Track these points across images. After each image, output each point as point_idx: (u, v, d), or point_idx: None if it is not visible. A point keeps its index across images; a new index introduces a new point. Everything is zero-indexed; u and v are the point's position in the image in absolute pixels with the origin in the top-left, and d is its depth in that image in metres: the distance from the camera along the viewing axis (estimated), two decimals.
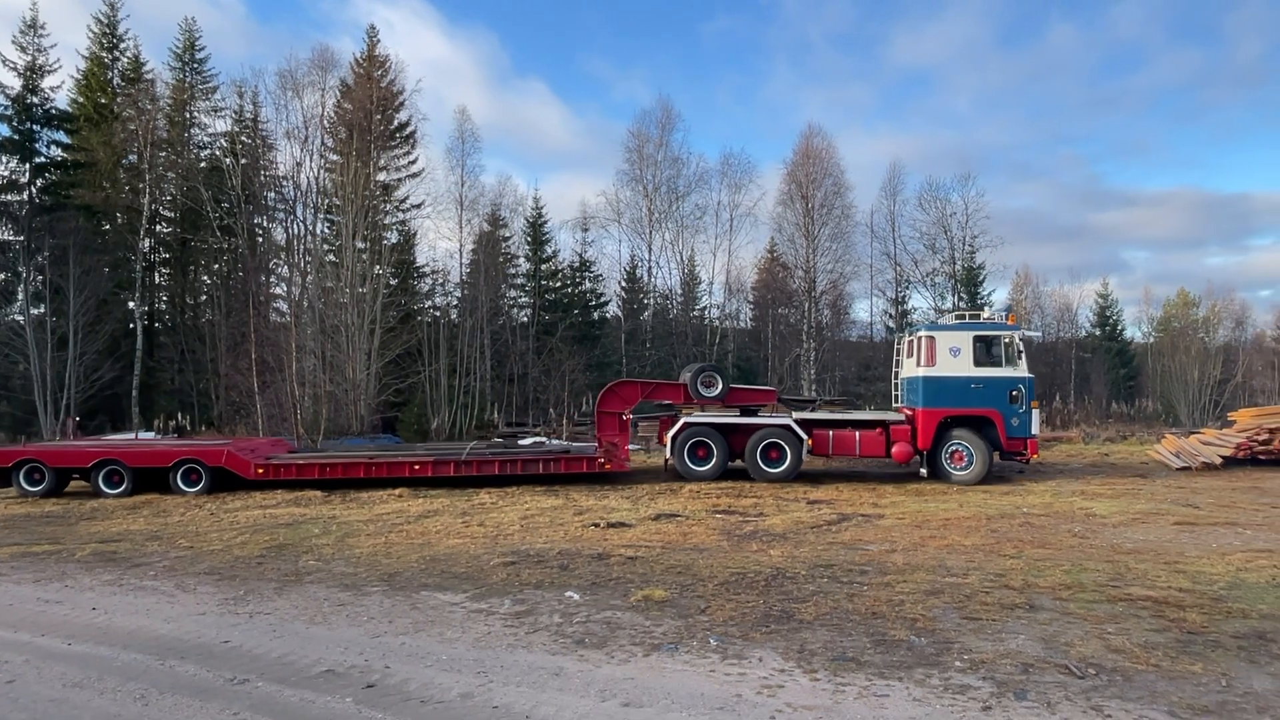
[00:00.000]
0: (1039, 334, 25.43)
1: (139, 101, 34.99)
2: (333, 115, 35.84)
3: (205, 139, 38.23)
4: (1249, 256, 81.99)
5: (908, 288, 43.26)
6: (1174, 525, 10.26)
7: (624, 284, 44.00)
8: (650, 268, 42.71)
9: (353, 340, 26.57)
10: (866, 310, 47.36)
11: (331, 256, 31.80)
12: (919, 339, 15.56)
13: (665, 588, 7.18)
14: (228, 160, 34.04)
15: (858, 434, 15.48)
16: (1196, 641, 5.49)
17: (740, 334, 45.91)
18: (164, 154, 35.52)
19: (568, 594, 7.08)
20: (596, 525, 10.69)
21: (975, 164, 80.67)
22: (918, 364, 15.45)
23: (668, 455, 15.87)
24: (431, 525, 11.02)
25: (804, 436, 15.25)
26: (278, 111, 35.55)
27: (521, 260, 41.77)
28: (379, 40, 37.21)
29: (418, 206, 36.79)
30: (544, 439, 25.77)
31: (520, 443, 21.70)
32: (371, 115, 34.75)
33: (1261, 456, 17.12)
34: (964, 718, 4.30)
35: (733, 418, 16.02)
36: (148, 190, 33.15)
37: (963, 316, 16.36)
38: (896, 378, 16.89)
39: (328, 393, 26.26)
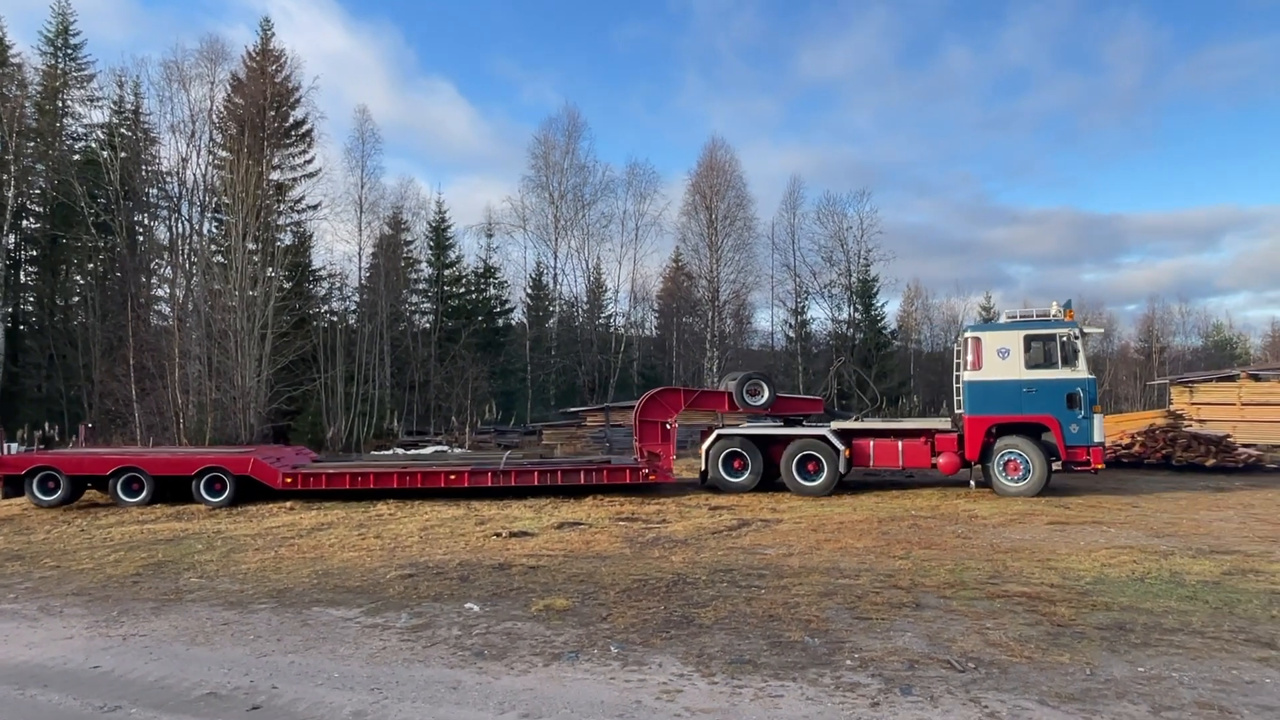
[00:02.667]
0: (1101, 330, 23.34)
1: (3, 87, 32.50)
2: (223, 110, 34.30)
3: (80, 130, 35.97)
4: (1118, 273, 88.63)
5: (807, 298, 44.65)
6: (1047, 525, 10.93)
7: (529, 291, 43.77)
8: (556, 275, 42.69)
9: (242, 346, 25.39)
10: (768, 320, 48.56)
11: (220, 258, 30.30)
12: (965, 340, 14.57)
13: (567, 596, 7.16)
14: (105, 153, 32.00)
15: (900, 444, 14.56)
16: (1065, 634, 5.87)
17: (645, 342, 46.35)
18: (32, 144, 33.11)
19: (467, 606, 6.96)
20: (498, 535, 10.56)
21: (875, 179, 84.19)
22: (964, 367, 14.42)
23: (703, 467, 15.33)
24: (325, 538, 10.64)
25: (840, 448, 14.45)
26: (162, 104, 33.69)
27: (424, 265, 40.96)
28: (274, 34, 35.83)
29: (314, 207, 35.60)
30: (445, 448, 25.31)
31: (422, 452, 21.25)
32: (265, 111, 33.41)
33: (1125, 459, 18.52)
34: (853, 714, 4.46)
35: (766, 428, 15.53)
36: (13, 183, 30.85)
37: (1015, 315, 14.95)
38: (957, 382, 15.17)
39: (214, 400, 25.01)
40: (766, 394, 15.52)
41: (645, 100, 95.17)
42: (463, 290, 41.53)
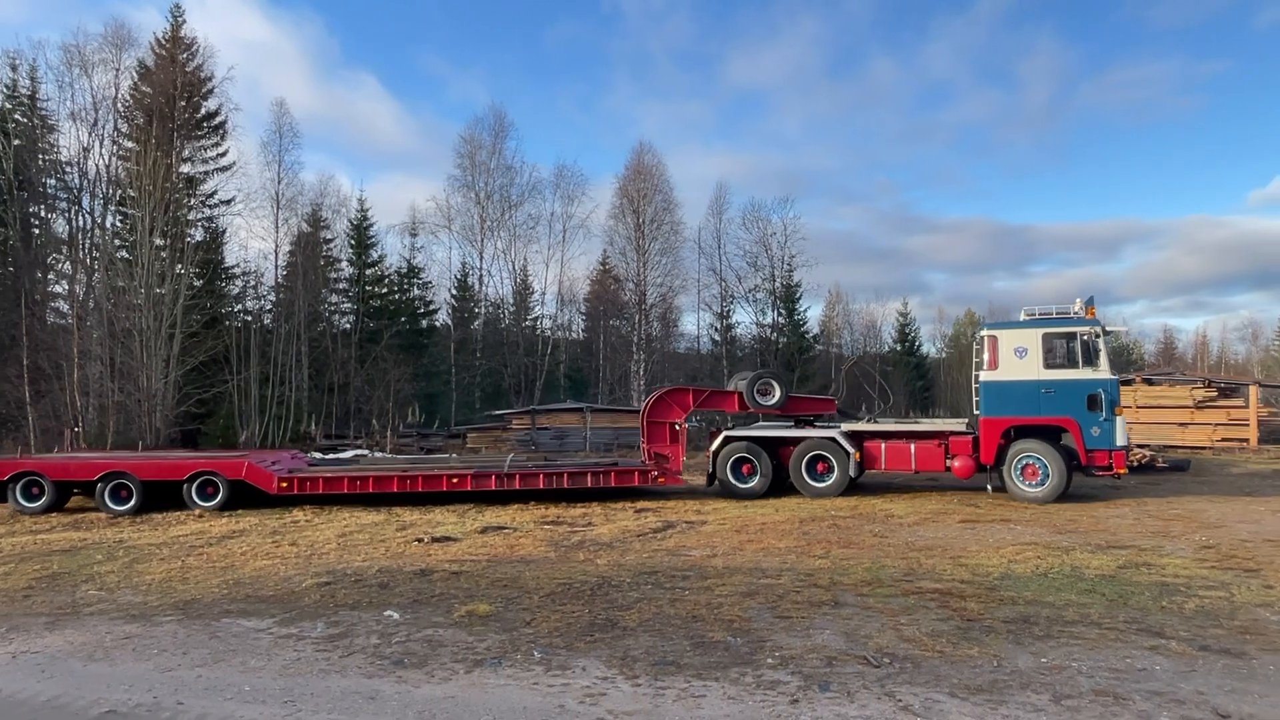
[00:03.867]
0: (1125, 328, 22.37)
1: None
2: (129, 98, 32.59)
3: None
4: (1028, 281, 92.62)
5: (732, 302, 45.24)
6: (959, 523, 11.35)
7: (454, 292, 43.15)
8: (482, 276, 42.18)
9: (148, 346, 24.21)
10: (694, 323, 49.04)
11: (124, 253, 28.81)
12: (981, 338, 14.04)
13: (490, 602, 7.07)
14: None
15: (913, 446, 14.17)
16: (974, 628, 6.10)
17: (572, 345, 46.20)
18: None
19: (387, 613, 6.81)
20: (420, 541, 10.36)
21: (802, 186, 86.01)
22: (981, 367, 13.88)
23: (710, 469, 15.04)
24: (236, 546, 10.24)
25: (850, 450, 14.10)
26: (61, 90, 31.74)
27: (344, 264, 39.86)
28: (185, 20, 34.28)
29: (227, 202, 34.19)
30: (366, 451, 24.68)
31: (340, 456, 20.65)
32: (175, 101, 31.93)
33: None
34: (773, 712, 4.54)
35: (774, 429, 15.21)
36: None
37: (1034, 313, 14.15)
38: (976, 383, 14.46)
39: (116, 403, 23.77)
40: (778, 394, 15.17)
41: (576, 101, 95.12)
42: (385, 290, 40.58)
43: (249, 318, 34.42)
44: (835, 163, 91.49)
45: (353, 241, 39.71)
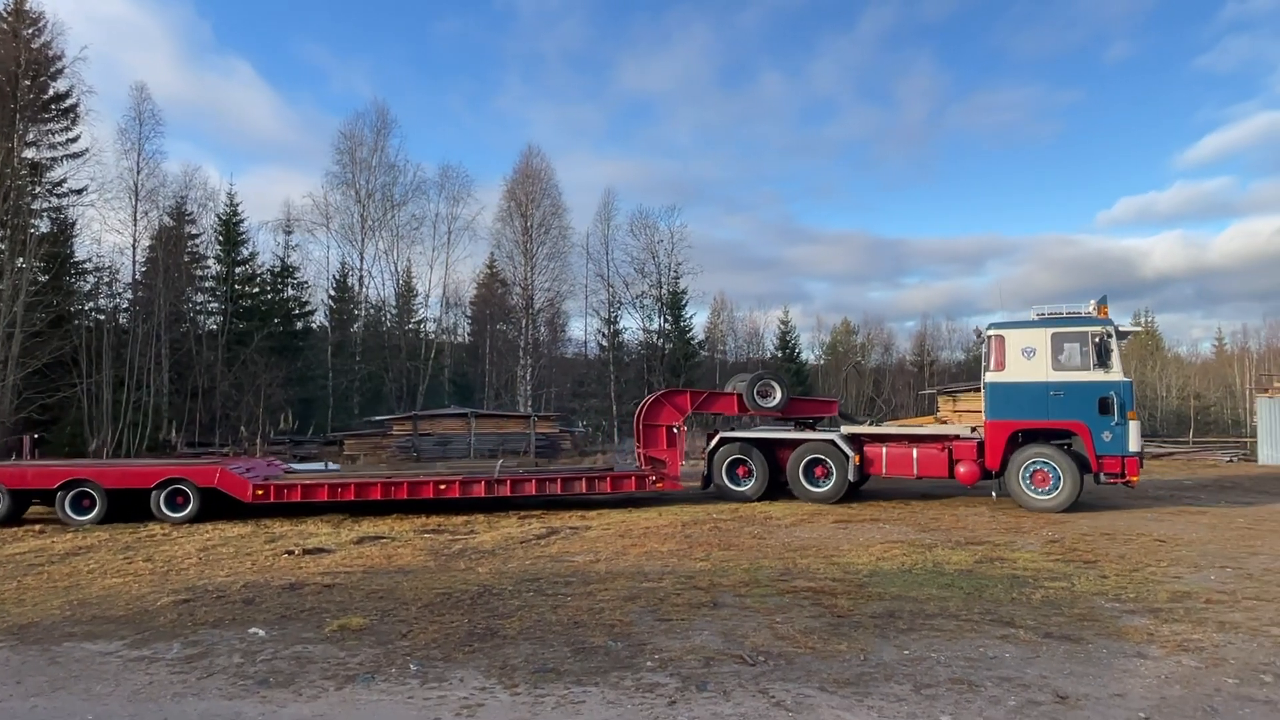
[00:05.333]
0: (1138, 328, 21.44)
1: None
2: None
3: None
4: (900, 292, 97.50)
5: (619, 308, 45.53)
6: (833, 523, 11.82)
7: (332, 293, 41.51)
8: (362, 277, 40.76)
9: None
10: (582, 329, 49.04)
11: None
12: (987, 339, 13.40)
13: (364, 615, 6.82)
14: None
15: (915, 451, 13.69)
16: (844, 624, 6.37)
17: (457, 349, 45.31)
18: None
19: (251, 630, 6.45)
20: (290, 553, 9.88)
21: (691, 194, 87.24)
22: (987, 368, 13.35)
23: (706, 471, 14.61)
24: (82, 564, 9.47)
25: (850, 454, 13.71)
26: None
27: (212, 262, 37.59)
28: None
29: (79, 192, 31.58)
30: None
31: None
32: (19, 80, 29.27)
33: None
34: (652, 714, 4.58)
35: (771, 431, 14.83)
36: None
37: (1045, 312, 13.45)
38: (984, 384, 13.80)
39: None
40: (779, 396, 14.86)
41: (465, 99, 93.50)
42: (257, 290, 38.54)
43: (102, 317, 31.91)
44: (723, 172, 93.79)
45: (221, 237, 37.50)
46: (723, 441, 14.68)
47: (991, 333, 13.26)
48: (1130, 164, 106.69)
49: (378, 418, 30.40)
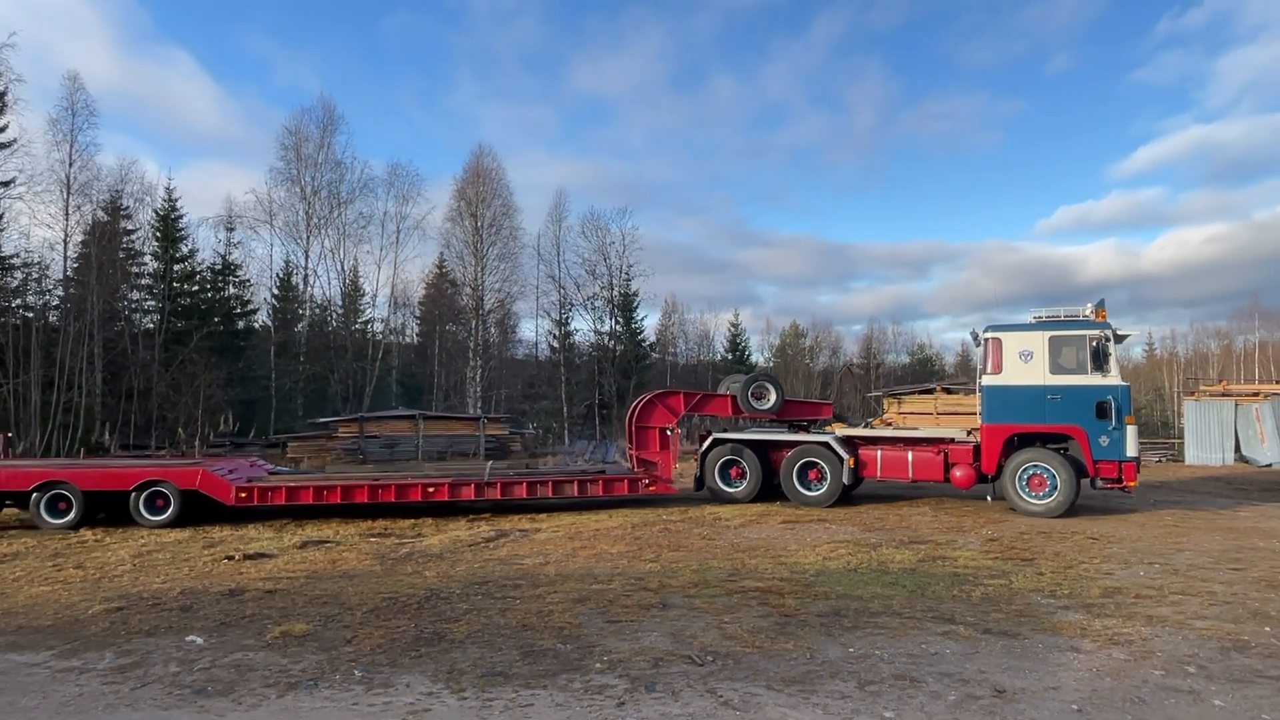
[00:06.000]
0: (1137, 332, 21.04)
1: None
2: None
3: None
4: (849, 296, 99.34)
5: (571, 310, 45.41)
6: (781, 524, 11.96)
7: (276, 292, 40.53)
8: (307, 275, 39.85)
9: None
10: (532, 330, 48.76)
11: None
12: (984, 341, 13.23)
13: (308, 621, 6.68)
14: None
15: (910, 454, 13.58)
16: (791, 623, 6.45)
17: (406, 349, 44.69)
18: None
19: (189, 638, 6.27)
20: (230, 558, 9.63)
21: (644, 197, 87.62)
22: (983, 371, 13.24)
23: (698, 473, 14.41)
24: (8, 572, 9.09)
25: (844, 456, 13.55)
26: None
27: (149, 258, 36.37)
28: None
29: (6, 184, 30.25)
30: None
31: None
32: None
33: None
34: (601, 716, 4.58)
35: (765, 433, 14.65)
36: None
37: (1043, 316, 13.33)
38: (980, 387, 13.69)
39: None
40: (773, 398, 14.74)
41: (415, 96, 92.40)
42: (196, 288, 37.39)
43: (30, 314, 30.63)
44: (676, 175, 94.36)
45: (159, 233, 36.31)
46: (716, 443, 14.60)
47: (989, 335, 13.11)
48: (1069, 174, 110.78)
49: (322, 419, 29.75)
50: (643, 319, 48.17)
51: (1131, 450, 12.16)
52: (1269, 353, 59.19)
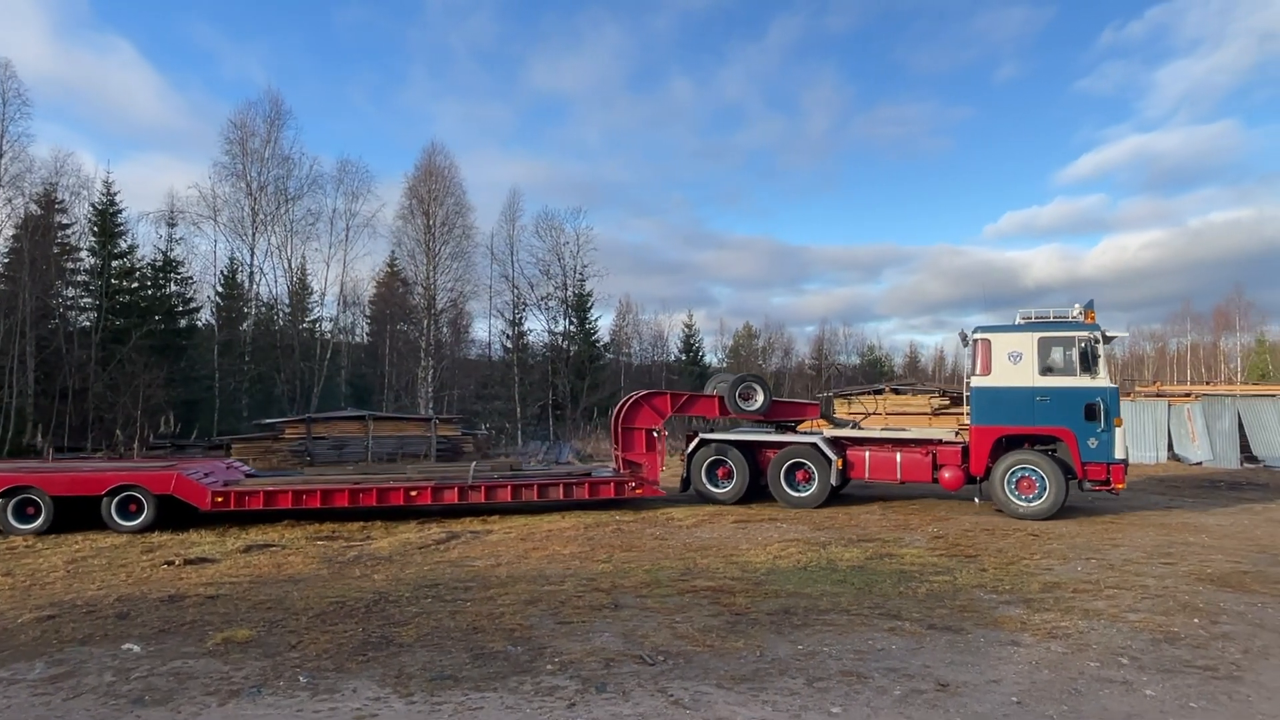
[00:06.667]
0: (1126, 333, 19.71)
1: None
2: None
3: None
4: (802, 298, 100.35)
5: (524, 310, 45.11)
6: (733, 523, 12.05)
7: (220, 290, 39.44)
8: (253, 273, 38.85)
9: None
10: (485, 330, 48.26)
11: None
12: (973, 342, 13.17)
13: (251, 626, 6.52)
14: None
15: (899, 455, 13.50)
16: (741, 621, 6.51)
17: (355, 349, 43.93)
18: None
19: (125, 646, 6.07)
20: (170, 563, 9.36)
21: (599, 197, 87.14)
22: (972, 372, 13.19)
23: (685, 473, 14.21)
24: None
25: (832, 457, 13.44)
26: None
27: (85, 254, 35.06)
28: None
29: None
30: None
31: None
32: None
33: None
34: (551, 717, 4.57)
35: (752, 433, 14.48)
36: None
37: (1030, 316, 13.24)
38: (967, 389, 13.64)
39: None
40: (761, 398, 14.58)
41: (367, 91, 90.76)
42: (136, 285, 36.12)
43: None
44: (632, 176, 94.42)
45: (96, 228, 35.00)
46: (702, 443, 14.52)
47: (978, 336, 13.06)
48: (1015, 180, 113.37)
49: (268, 420, 29.04)
50: (597, 319, 48.10)
51: (1120, 452, 12.23)
52: (1200, 355, 61.67)
